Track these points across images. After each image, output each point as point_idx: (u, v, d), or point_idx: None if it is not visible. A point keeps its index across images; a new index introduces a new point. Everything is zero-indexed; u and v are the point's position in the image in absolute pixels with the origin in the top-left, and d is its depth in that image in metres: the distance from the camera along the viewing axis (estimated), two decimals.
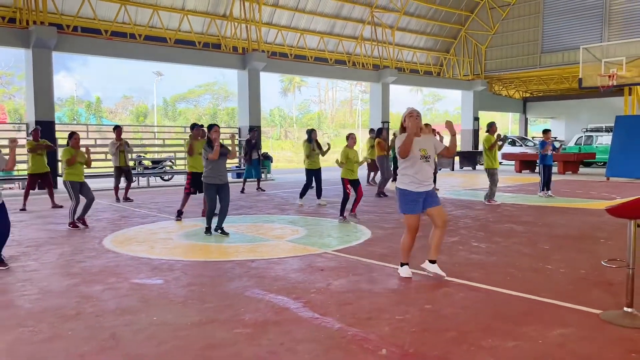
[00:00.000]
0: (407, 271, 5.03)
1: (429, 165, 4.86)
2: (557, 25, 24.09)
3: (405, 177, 4.86)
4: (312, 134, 10.77)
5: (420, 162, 4.79)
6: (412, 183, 4.81)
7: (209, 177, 7.20)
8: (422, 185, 4.81)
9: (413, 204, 4.83)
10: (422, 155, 4.79)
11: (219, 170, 7.22)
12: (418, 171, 4.79)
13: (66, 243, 6.81)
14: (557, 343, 3.38)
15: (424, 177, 4.81)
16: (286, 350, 3.31)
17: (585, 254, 5.95)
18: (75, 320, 3.86)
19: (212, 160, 7.11)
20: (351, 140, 8.86)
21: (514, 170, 21.00)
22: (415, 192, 4.81)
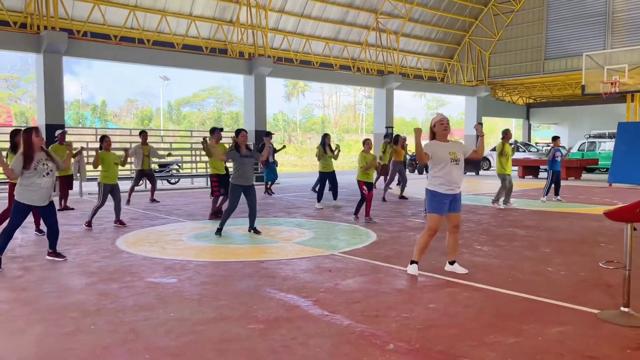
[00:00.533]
0: (415, 269, 5.24)
1: (459, 168, 5.12)
2: (561, 32, 24.28)
3: (435, 179, 5.12)
4: (325, 138, 11.16)
5: (450, 165, 5.06)
6: (442, 185, 5.08)
7: (236, 178, 7.51)
8: (451, 188, 5.09)
9: (440, 205, 5.11)
10: (452, 159, 5.05)
11: (247, 173, 7.52)
12: (448, 173, 5.05)
13: (81, 243, 7.01)
14: (556, 340, 3.56)
15: (453, 179, 5.08)
16: (299, 344, 3.49)
17: (586, 257, 6.11)
18: (96, 316, 4.05)
19: (241, 163, 7.44)
20: (367, 146, 9.32)
21: (517, 176, 21.15)
22: (444, 194, 5.09)
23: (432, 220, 5.17)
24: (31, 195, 5.59)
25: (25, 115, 50.75)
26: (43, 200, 5.68)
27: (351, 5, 21.97)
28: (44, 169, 5.62)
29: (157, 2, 17.15)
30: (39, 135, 5.70)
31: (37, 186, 5.59)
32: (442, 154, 5.08)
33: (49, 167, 5.68)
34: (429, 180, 5.23)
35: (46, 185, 5.65)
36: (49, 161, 5.71)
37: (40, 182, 5.60)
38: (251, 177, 7.66)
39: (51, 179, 5.72)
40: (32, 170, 5.54)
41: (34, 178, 5.56)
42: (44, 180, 5.62)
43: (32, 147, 5.59)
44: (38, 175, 5.58)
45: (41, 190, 5.62)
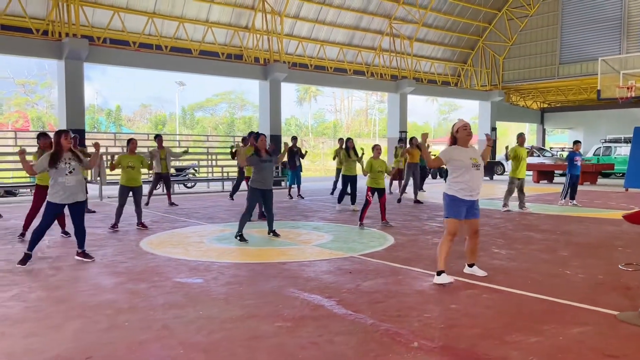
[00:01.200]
0: (446, 278, 5.07)
1: (480, 173, 5.17)
2: (576, 37, 24.22)
3: (456, 185, 5.13)
4: (348, 142, 11.30)
5: (472, 170, 5.09)
6: (463, 190, 5.09)
7: (255, 182, 7.66)
8: (471, 195, 5.12)
9: (458, 209, 5.12)
10: (473, 164, 5.09)
11: (266, 177, 7.66)
12: (470, 179, 5.08)
13: (106, 245, 7.20)
14: (576, 339, 3.65)
15: (475, 185, 5.13)
16: (325, 341, 3.61)
17: (603, 261, 6.17)
18: (129, 313, 4.21)
19: (261, 168, 7.59)
20: (376, 152, 9.18)
21: (532, 181, 21.11)
22: (463, 200, 5.11)
23: (451, 224, 5.16)
24: (58, 194, 5.82)
25: (42, 120, 51.50)
26: (69, 198, 5.88)
27: (365, 11, 22.14)
28: (66, 167, 5.82)
29: (174, 8, 17.46)
30: (67, 138, 5.93)
31: (62, 185, 5.81)
32: (464, 159, 5.12)
33: (72, 166, 5.88)
34: (449, 185, 5.22)
35: (70, 183, 5.85)
36: (73, 160, 5.91)
37: (64, 181, 5.81)
38: (270, 181, 7.79)
39: (75, 177, 5.89)
40: (55, 170, 5.77)
41: (58, 177, 5.79)
42: (67, 178, 5.82)
43: (60, 147, 5.85)
44: (61, 174, 5.79)
45: (65, 188, 5.83)
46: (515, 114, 31.57)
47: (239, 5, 18.66)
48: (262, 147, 7.71)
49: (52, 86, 53.76)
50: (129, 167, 8.44)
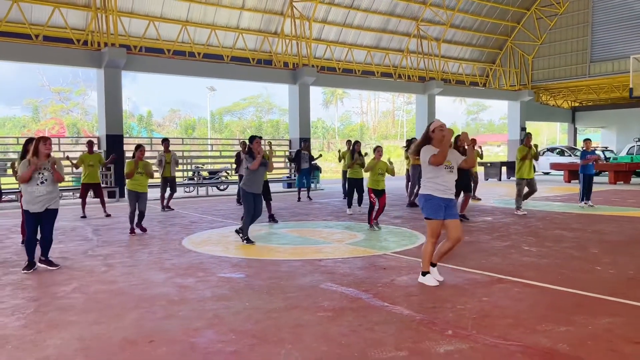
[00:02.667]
0: (431, 279, 5.13)
1: (453, 175, 5.08)
2: (607, 35, 23.90)
3: (430, 184, 5.05)
4: (355, 145, 11.31)
5: (444, 171, 5.00)
6: (437, 190, 5.00)
7: (247, 185, 7.60)
8: (446, 193, 5.02)
9: (437, 209, 5.00)
10: (446, 166, 5.01)
11: (257, 180, 7.62)
12: (443, 180, 5.00)
13: (150, 244, 7.61)
14: (605, 328, 3.82)
15: (448, 185, 5.03)
16: (365, 329, 3.87)
17: (635, 257, 6.26)
18: (181, 304, 4.55)
19: (253, 170, 7.54)
20: (377, 154, 9.05)
21: (563, 180, 20.93)
22: (440, 198, 5.00)
23: (432, 225, 5.04)
24: (29, 203, 5.80)
25: (77, 127, 53.09)
26: (40, 207, 5.82)
27: (392, 14, 22.32)
28: (38, 177, 5.80)
29: (206, 16, 17.98)
30: (46, 144, 5.92)
31: (31, 194, 5.79)
32: None
33: (44, 177, 5.83)
34: (424, 185, 5.13)
35: (40, 193, 5.79)
36: (46, 170, 5.85)
37: (34, 191, 5.78)
38: (261, 185, 7.70)
39: (46, 188, 5.81)
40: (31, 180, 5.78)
41: (27, 187, 5.79)
42: (37, 189, 5.78)
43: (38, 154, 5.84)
44: (32, 184, 5.78)
45: (35, 198, 5.78)
46: (546, 113, 31.22)
47: (269, 11, 19.08)
48: (256, 150, 7.54)
49: (85, 93, 55.48)
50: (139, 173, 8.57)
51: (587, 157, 11.70)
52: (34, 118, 53.28)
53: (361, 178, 11.10)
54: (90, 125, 53.76)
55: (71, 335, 3.78)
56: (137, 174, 8.57)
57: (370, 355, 3.37)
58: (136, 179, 8.59)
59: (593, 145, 12.55)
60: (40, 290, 5.05)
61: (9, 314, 4.29)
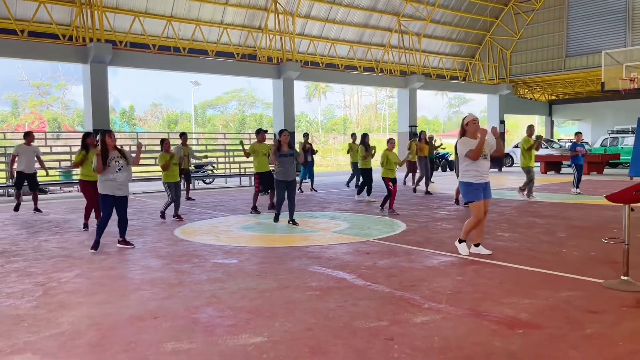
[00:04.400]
0: (466, 249, 6.03)
1: (487, 161, 5.93)
2: (581, 30, 24.62)
3: (469, 172, 5.87)
4: (365, 138, 11.94)
5: (481, 158, 5.83)
6: (475, 176, 5.83)
7: (278, 174, 8.54)
8: (482, 178, 5.87)
9: (477, 192, 5.84)
10: (482, 154, 5.82)
11: (287, 169, 8.46)
12: (479, 166, 5.83)
13: (144, 234, 7.93)
14: (564, 300, 4.29)
15: (484, 170, 5.89)
16: (351, 305, 4.29)
17: (597, 241, 6.77)
18: (180, 286, 4.92)
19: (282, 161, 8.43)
20: (390, 145, 10.16)
21: (540, 172, 21.61)
22: (478, 183, 5.84)
23: (475, 207, 5.88)
24: (109, 187, 6.56)
25: (57, 121, 52.58)
26: (119, 191, 6.62)
27: (374, 9, 22.71)
28: (116, 165, 6.56)
29: (190, 12, 18.16)
30: (111, 137, 6.66)
31: (112, 180, 6.54)
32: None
33: (120, 164, 6.61)
34: (462, 174, 5.96)
35: (119, 179, 6.58)
36: (121, 159, 6.64)
37: (114, 177, 6.54)
38: (291, 173, 8.54)
39: (123, 174, 6.63)
40: (107, 167, 6.49)
41: (108, 174, 6.53)
42: (117, 175, 6.56)
43: (106, 146, 6.58)
44: (111, 171, 6.53)
45: (115, 183, 6.56)
46: (524, 106, 31.98)
47: (252, 6, 19.33)
48: (284, 142, 8.47)
49: (66, 87, 54.96)
50: (174, 164, 9.26)
51: (576, 149, 12.49)
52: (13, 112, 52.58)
53: (371, 168, 12.02)
54: (71, 119, 53.36)
55: (81, 314, 4.13)
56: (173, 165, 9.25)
57: (355, 325, 3.78)
58: (172, 169, 9.24)
59: (568, 138, 13.35)
60: (45, 276, 5.37)
61: (20, 297, 4.61)
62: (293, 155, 8.56)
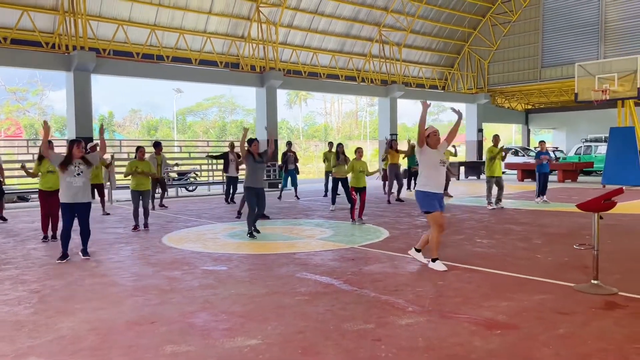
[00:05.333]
0: (441, 265, 5.88)
1: (444, 169, 6.02)
2: (556, 42, 25.38)
3: (425, 180, 5.93)
4: (338, 147, 12.10)
5: (439, 167, 5.92)
6: (431, 186, 5.89)
7: (249, 181, 8.45)
8: (438, 188, 5.94)
9: (434, 202, 5.88)
10: (440, 160, 5.95)
11: (258, 177, 8.50)
12: (437, 176, 5.91)
13: (132, 242, 8.04)
14: (538, 303, 4.58)
15: (440, 181, 5.96)
16: (338, 309, 4.51)
17: (570, 247, 7.10)
18: (173, 293, 5.08)
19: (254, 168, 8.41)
20: (358, 154, 10.09)
21: (517, 179, 22.16)
22: (434, 193, 5.91)
23: (435, 216, 5.89)
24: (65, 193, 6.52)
25: (34, 128, 51.87)
26: (76, 197, 6.53)
27: (355, 19, 23.09)
28: (75, 169, 6.53)
29: (174, 20, 18.28)
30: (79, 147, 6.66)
31: (69, 184, 6.50)
32: (434, 159, 5.91)
33: (80, 169, 6.57)
34: (419, 181, 6.01)
35: (76, 183, 6.52)
36: (82, 164, 6.61)
37: (71, 181, 6.50)
38: (262, 180, 8.60)
39: (82, 179, 6.56)
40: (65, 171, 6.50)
41: (66, 177, 6.49)
42: (75, 179, 6.52)
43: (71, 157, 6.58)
44: (70, 174, 6.50)
45: (73, 188, 6.50)
46: (501, 115, 32.72)
47: (236, 16, 19.53)
48: (255, 151, 8.48)
49: (43, 93, 54.27)
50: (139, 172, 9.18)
51: (540, 157, 12.85)
52: None
53: (345, 177, 11.92)
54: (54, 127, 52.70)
55: (80, 319, 4.27)
56: (138, 174, 9.18)
57: (344, 328, 4.01)
58: (138, 178, 9.18)
59: (547, 146, 13.75)
60: (38, 283, 5.47)
61: (16, 304, 4.73)
62: (264, 162, 8.59)
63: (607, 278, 5.21)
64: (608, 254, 6.28)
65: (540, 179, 13.04)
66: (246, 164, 8.47)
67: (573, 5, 24.59)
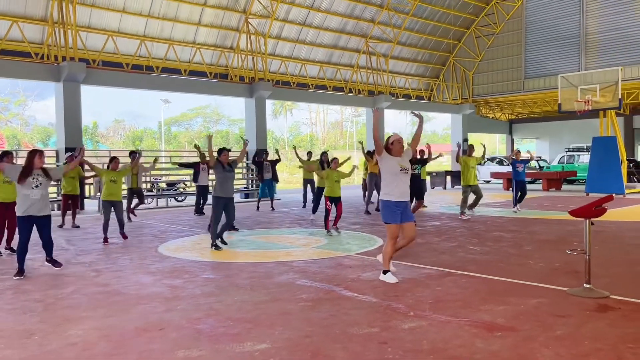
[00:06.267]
0: (392, 277, 5.75)
1: (407, 177, 5.78)
2: (538, 53, 25.97)
3: (387, 189, 5.75)
4: (322, 156, 12.20)
5: (400, 175, 5.70)
6: (393, 195, 5.69)
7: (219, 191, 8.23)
8: (401, 197, 5.71)
9: (393, 214, 5.70)
10: (401, 168, 5.71)
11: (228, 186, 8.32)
12: (398, 184, 5.69)
13: (129, 252, 8.07)
14: (534, 306, 4.75)
15: (403, 189, 5.72)
16: (342, 314, 4.62)
17: (560, 253, 7.33)
18: (177, 300, 5.15)
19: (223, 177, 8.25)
20: (334, 164, 10.11)
21: (502, 188, 22.52)
22: (395, 202, 5.70)
23: (390, 229, 5.74)
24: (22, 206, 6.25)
25: (17, 138, 51.27)
26: (33, 210, 6.27)
27: (343, 31, 23.40)
28: (33, 181, 6.26)
29: (163, 31, 18.36)
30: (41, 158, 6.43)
31: (26, 197, 6.24)
32: (395, 165, 5.73)
33: (39, 181, 6.31)
34: (382, 191, 5.81)
35: (35, 196, 6.25)
36: (41, 176, 6.35)
37: (29, 193, 6.23)
38: (231, 190, 8.43)
39: (40, 191, 6.29)
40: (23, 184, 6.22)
41: (23, 190, 6.24)
42: (33, 191, 6.25)
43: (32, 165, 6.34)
44: (27, 187, 6.23)
45: (30, 200, 6.24)
46: (486, 125, 33.25)
47: (225, 27, 19.68)
48: (224, 161, 8.32)
49: (25, 104, 53.72)
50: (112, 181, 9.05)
51: (516, 165, 13.14)
52: None
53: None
54: (30, 136, 52.12)
55: (88, 327, 4.32)
56: (111, 182, 9.02)
57: (350, 332, 4.12)
58: (109, 188, 9.01)
59: (524, 155, 13.93)
60: (40, 293, 5.50)
61: (22, 313, 4.76)
62: (233, 171, 8.50)
63: (598, 282, 5.40)
64: (596, 260, 6.49)
65: (517, 187, 13.23)
66: (215, 173, 8.32)
67: (554, 18, 25.22)
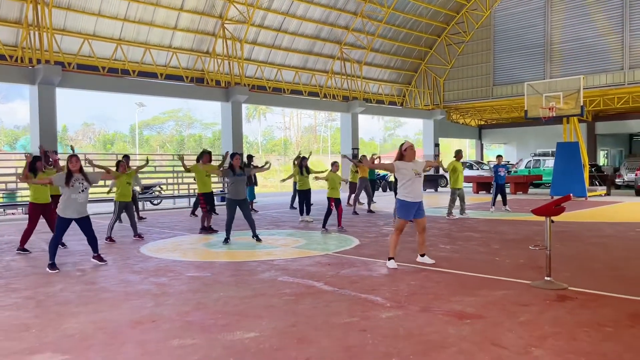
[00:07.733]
0: (394, 264, 6.71)
1: (420, 181, 6.71)
2: (506, 61, 26.89)
3: (404, 190, 6.65)
4: (303, 161, 12.54)
5: (415, 179, 6.64)
6: (409, 195, 6.62)
7: (231, 193, 8.98)
8: (416, 198, 6.65)
9: (408, 212, 6.66)
10: (415, 173, 6.64)
11: (239, 189, 8.98)
12: (414, 187, 6.63)
13: (111, 253, 8.21)
14: (500, 297, 5.15)
15: (418, 190, 6.66)
16: (323, 306, 4.94)
17: (526, 250, 7.80)
18: (165, 296, 5.38)
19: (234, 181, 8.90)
20: (334, 167, 11.01)
21: (472, 191, 23.21)
22: (411, 202, 6.62)
23: (400, 223, 6.76)
24: (69, 209, 6.86)
25: None
26: (78, 213, 6.95)
27: (318, 37, 23.81)
28: (79, 186, 6.89)
29: (139, 35, 18.43)
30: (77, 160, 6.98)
31: (74, 201, 6.86)
32: (409, 171, 6.68)
33: (84, 186, 6.95)
34: (399, 192, 6.80)
35: (80, 200, 6.91)
36: (84, 181, 6.97)
37: (76, 197, 6.87)
38: (243, 192, 9.09)
39: (84, 195, 6.98)
40: (71, 187, 6.81)
41: (71, 194, 6.83)
42: (79, 196, 6.89)
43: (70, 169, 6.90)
44: (74, 192, 6.85)
45: (76, 204, 6.89)
46: (456, 130, 34.11)
47: (201, 32, 19.85)
48: (236, 165, 8.99)
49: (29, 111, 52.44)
50: (128, 183, 9.57)
51: (498, 169, 13.86)
52: None
53: (309, 189, 12.54)
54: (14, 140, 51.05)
55: (83, 320, 4.53)
56: (127, 184, 9.57)
57: (332, 321, 4.44)
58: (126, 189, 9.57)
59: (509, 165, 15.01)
60: (30, 291, 5.65)
61: (15, 309, 4.93)
62: (244, 174, 9.07)
63: (558, 276, 5.85)
64: (558, 256, 6.97)
65: (497, 189, 13.96)
66: (228, 178, 8.97)
67: (521, 28, 26.18)
